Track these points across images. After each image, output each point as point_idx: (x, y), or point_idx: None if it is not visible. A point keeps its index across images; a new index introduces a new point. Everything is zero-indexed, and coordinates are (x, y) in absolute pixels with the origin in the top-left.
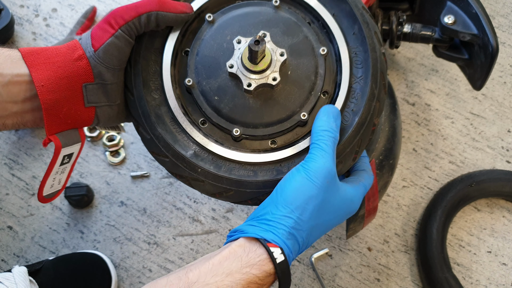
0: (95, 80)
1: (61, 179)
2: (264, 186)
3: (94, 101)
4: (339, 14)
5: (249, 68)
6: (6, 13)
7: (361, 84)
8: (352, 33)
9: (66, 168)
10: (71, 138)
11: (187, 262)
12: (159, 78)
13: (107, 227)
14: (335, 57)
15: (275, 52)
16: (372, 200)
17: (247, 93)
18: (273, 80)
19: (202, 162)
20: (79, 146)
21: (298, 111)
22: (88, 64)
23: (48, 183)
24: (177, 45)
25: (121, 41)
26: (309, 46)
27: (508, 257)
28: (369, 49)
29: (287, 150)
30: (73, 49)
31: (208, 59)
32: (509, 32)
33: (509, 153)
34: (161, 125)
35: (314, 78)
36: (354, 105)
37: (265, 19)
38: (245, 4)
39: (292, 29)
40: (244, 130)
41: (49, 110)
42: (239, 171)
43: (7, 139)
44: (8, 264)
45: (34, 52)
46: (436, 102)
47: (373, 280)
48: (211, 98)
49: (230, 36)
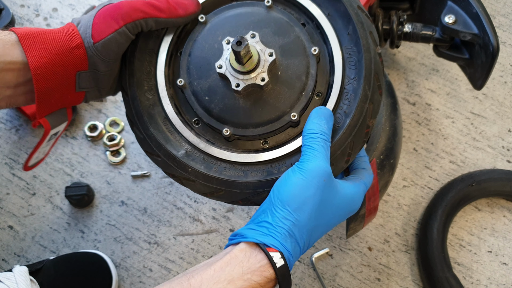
0: (88, 69)
1: (45, 150)
2: (254, 187)
3: (85, 87)
4: (334, 14)
5: (237, 68)
6: (6, 13)
7: (354, 85)
8: (346, 33)
9: (51, 142)
10: (59, 118)
11: (187, 261)
12: (153, 78)
13: (108, 226)
14: (328, 58)
15: (263, 52)
16: (372, 199)
17: (236, 93)
18: (262, 81)
19: (193, 162)
20: (65, 125)
21: (288, 112)
22: (85, 54)
23: (34, 156)
24: (172, 46)
25: (122, 37)
26: (300, 46)
27: (508, 256)
28: (363, 50)
29: (278, 150)
30: (71, 35)
31: (199, 59)
32: (510, 32)
33: (509, 152)
34: (153, 125)
35: (305, 79)
36: (347, 106)
37: (256, 19)
38: (238, 4)
39: (283, 29)
40: (234, 130)
41: (41, 97)
42: (230, 171)
43: (8, 139)
44: (9, 263)
45: (30, 35)
46: (436, 102)
47: (373, 280)
48: (202, 98)
49: (221, 37)
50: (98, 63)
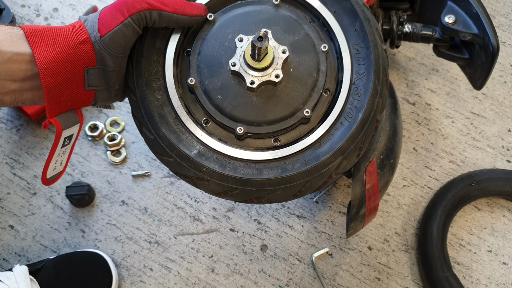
0: (97, 65)
1: (63, 161)
2: (269, 184)
3: (94, 85)
4: (340, 11)
5: (252, 65)
6: (7, 13)
7: (364, 80)
8: (353, 30)
9: (67, 149)
10: (70, 119)
11: (188, 261)
12: (162, 78)
13: (108, 226)
14: (336, 55)
15: (277, 49)
16: (372, 199)
17: (250, 91)
18: (276, 77)
19: (206, 162)
20: (78, 127)
21: (301, 108)
22: (92, 49)
23: (51, 166)
24: (179, 45)
25: (129, 29)
26: (310, 43)
27: (508, 256)
28: (371, 46)
29: (291, 147)
30: (77, 31)
31: (210, 58)
32: (510, 32)
33: (509, 152)
34: (164, 125)
35: (316, 75)
36: (357, 101)
37: (265, 17)
38: (245, 3)
39: (293, 27)
40: (247, 128)
41: (50, 93)
42: (244, 169)
43: (9, 139)
44: (9, 263)
45: (37, 32)
46: (436, 102)
47: (373, 279)
48: (214, 97)
49: (232, 35)
50: (106, 59)
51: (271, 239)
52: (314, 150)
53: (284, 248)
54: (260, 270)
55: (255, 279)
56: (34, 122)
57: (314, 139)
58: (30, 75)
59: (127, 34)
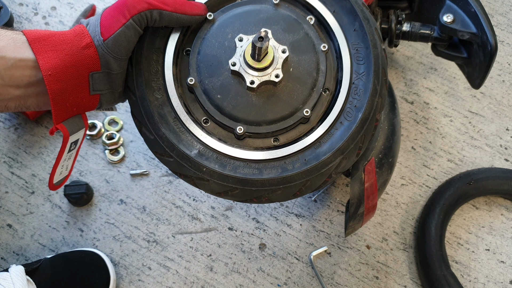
0: (101, 69)
1: (68, 165)
2: (270, 184)
3: (99, 89)
4: (340, 11)
5: (252, 65)
6: (5, 11)
7: (363, 80)
8: (353, 29)
9: (72, 154)
10: (76, 124)
11: (186, 260)
12: (161, 78)
13: (107, 225)
14: (335, 55)
15: (277, 49)
16: (371, 198)
17: (250, 90)
18: (276, 77)
19: (207, 161)
20: (83, 132)
21: (301, 108)
22: (96, 53)
23: (58, 171)
24: (178, 45)
25: (131, 31)
26: (310, 43)
27: (506, 254)
28: (371, 45)
29: (290, 147)
30: (80, 36)
31: (210, 57)
32: (508, 31)
33: (507, 151)
34: (164, 125)
35: (315, 75)
36: (357, 101)
37: (265, 16)
38: (245, 2)
39: (292, 27)
40: (247, 128)
41: (56, 99)
42: (244, 169)
43: (7, 137)
44: (7, 262)
45: (40, 37)
46: (434, 101)
47: (371, 278)
48: (213, 96)
49: (231, 34)
50: (110, 62)
51: (269, 238)
52: (314, 149)
53: (282, 247)
54: (259, 269)
55: (254, 278)
56: (32, 120)
57: (314, 139)
58: (34, 81)
59: (130, 35)
